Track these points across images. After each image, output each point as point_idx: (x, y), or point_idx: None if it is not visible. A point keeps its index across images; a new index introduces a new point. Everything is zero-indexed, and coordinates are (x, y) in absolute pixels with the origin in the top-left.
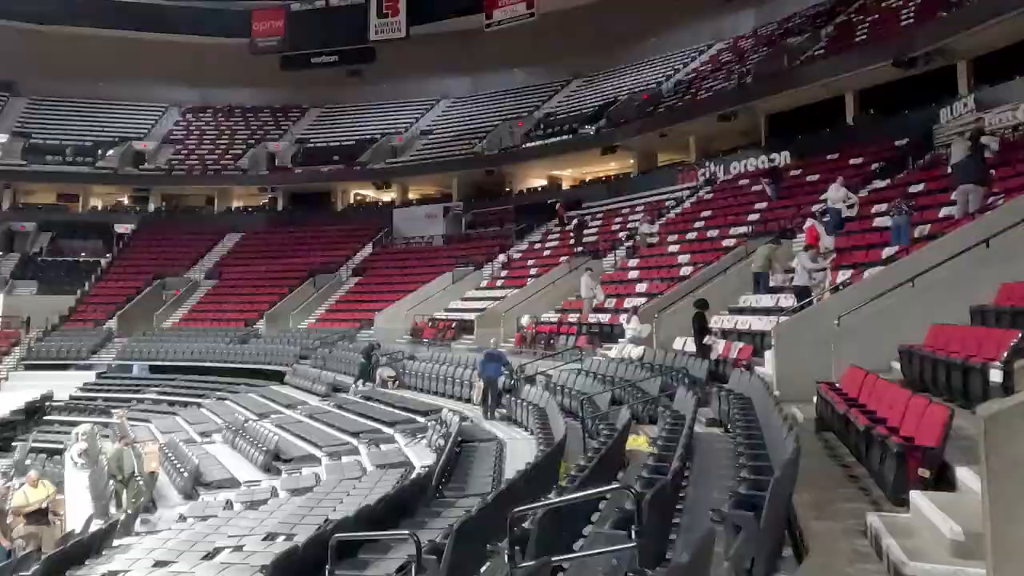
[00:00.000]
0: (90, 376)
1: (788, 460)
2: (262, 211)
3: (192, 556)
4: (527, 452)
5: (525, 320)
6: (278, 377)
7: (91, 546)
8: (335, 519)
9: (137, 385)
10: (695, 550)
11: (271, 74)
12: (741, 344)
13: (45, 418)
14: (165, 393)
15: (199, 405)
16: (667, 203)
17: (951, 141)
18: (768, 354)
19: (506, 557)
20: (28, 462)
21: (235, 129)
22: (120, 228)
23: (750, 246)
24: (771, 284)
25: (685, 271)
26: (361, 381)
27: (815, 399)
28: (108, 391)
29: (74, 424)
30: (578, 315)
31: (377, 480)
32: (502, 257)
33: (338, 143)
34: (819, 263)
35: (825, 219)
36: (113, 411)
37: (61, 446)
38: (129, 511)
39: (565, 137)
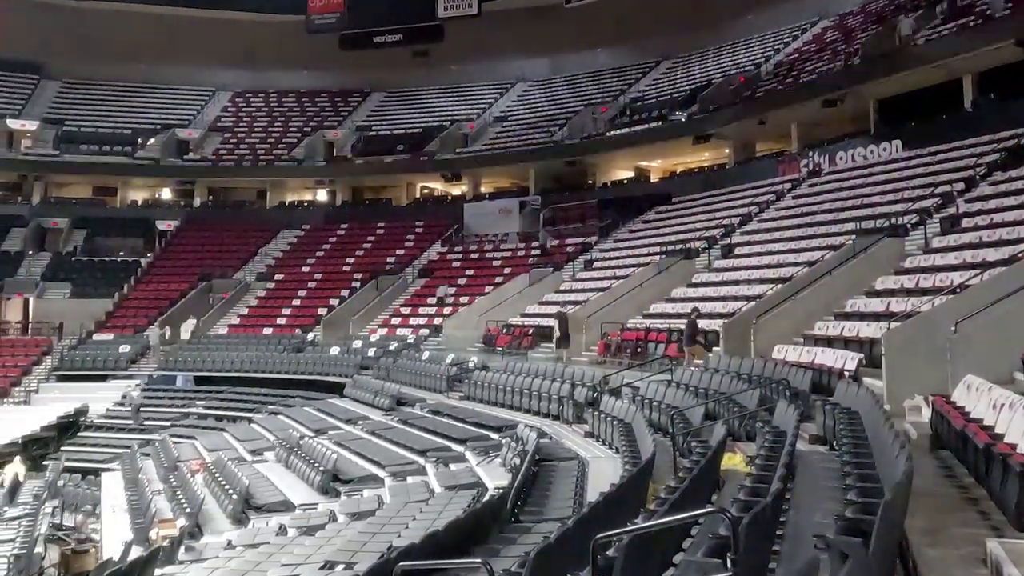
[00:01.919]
0: (129, 388)
1: (900, 481)
2: (319, 206)
3: None
4: (611, 472)
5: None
6: (337, 389)
7: None
8: (399, 546)
9: (181, 398)
10: None
11: (329, 54)
12: (848, 353)
13: (79, 435)
14: (212, 407)
15: (249, 420)
16: (766, 197)
17: None
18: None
19: None
20: (61, 483)
21: (289, 115)
22: (162, 225)
23: (858, 244)
24: None
25: (786, 272)
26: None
27: (929, 413)
28: (148, 405)
29: (111, 442)
30: (668, 320)
31: (446, 503)
32: (584, 257)
33: (403, 131)
34: None
35: None
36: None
37: (98, 465)
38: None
39: (653, 124)
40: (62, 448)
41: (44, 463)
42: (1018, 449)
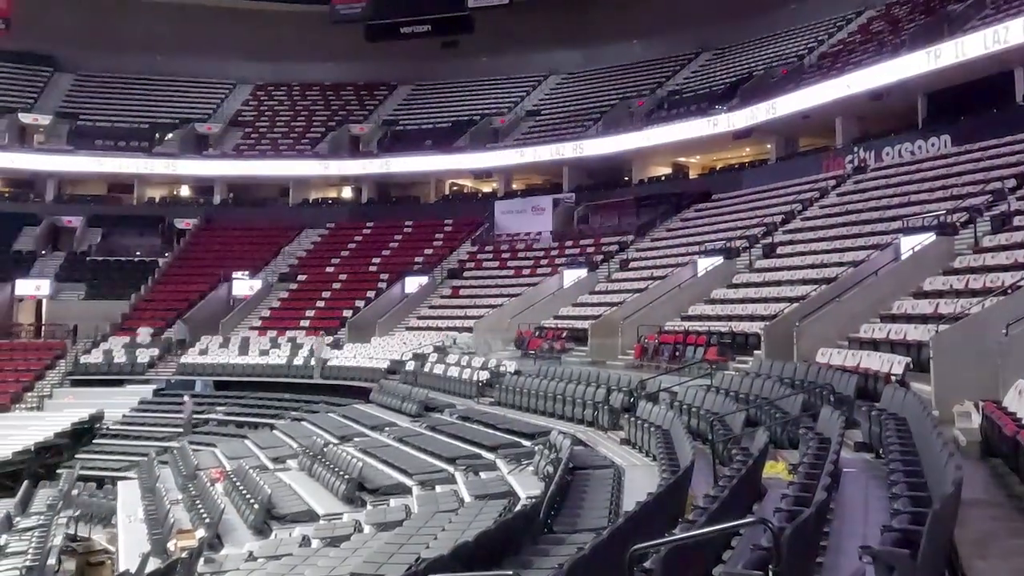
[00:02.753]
0: (146, 393)
1: (949, 490)
2: (343, 204)
3: None
4: (648, 480)
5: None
6: (362, 395)
7: None
8: (428, 558)
9: (200, 403)
10: None
11: (354, 46)
12: (895, 356)
13: (94, 442)
14: (232, 413)
15: (271, 427)
16: (809, 194)
17: None
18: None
19: None
20: (76, 492)
21: (313, 109)
22: (181, 223)
23: (905, 243)
24: None
25: (830, 273)
26: None
27: (979, 420)
28: (164, 412)
29: (128, 449)
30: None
31: (476, 513)
32: (620, 256)
33: (431, 125)
34: None
35: None
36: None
37: (114, 474)
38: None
39: (692, 119)
40: (76, 456)
41: (58, 472)
42: None
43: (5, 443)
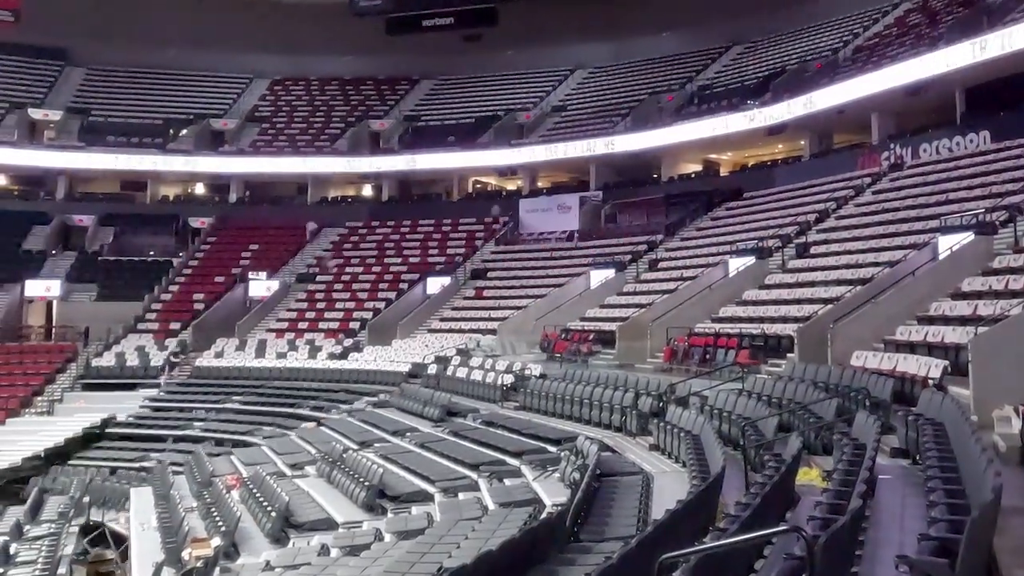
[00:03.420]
0: (153, 393)
1: (988, 498)
2: (363, 202)
3: None
4: (678, 487)
5: None
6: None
7: None
8: (451, 567)
9: (219, 407)
10: None
11: (375, 39)
12: (932, 360)
13: (97, 444)
14: (250, 421)
15: (289, 432)
16: (844, 192)
17: None
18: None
19: None
20: (87, 499)
21: (332, 104)
22: (195, 222)
23: (943, 243)
24: None
25: (865, 273)
26: None
27: (1020, 424)
28: (177, 411)
29: (136, 451)
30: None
31: (500, 521)
32: (649, 256)
33: (454, 121)
34: None
35: None
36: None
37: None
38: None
39: (724, 114)
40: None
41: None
42: None
43: (15, 448)
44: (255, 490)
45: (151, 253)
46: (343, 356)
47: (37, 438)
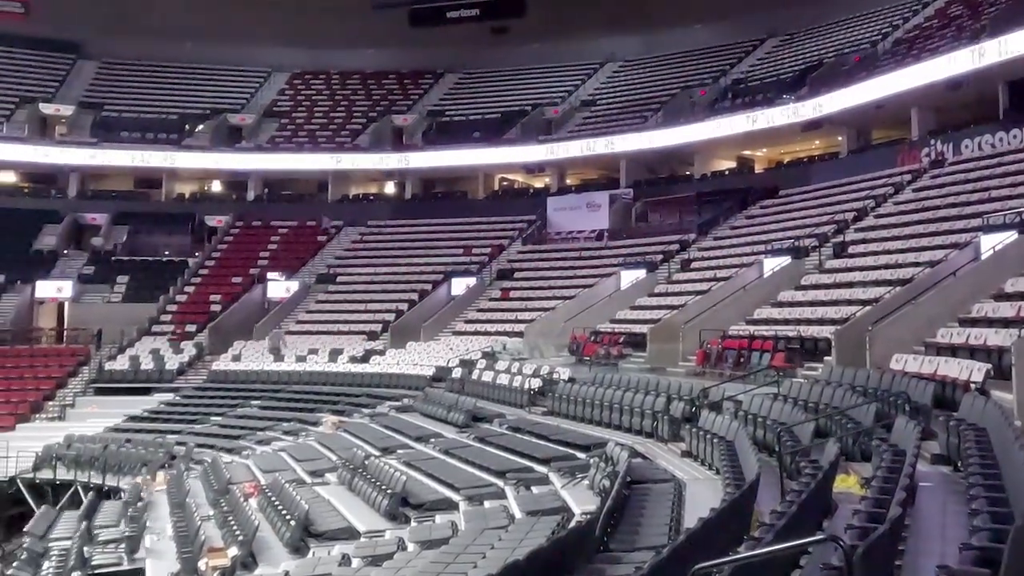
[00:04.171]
0: (168, 398)
1: None
2: (386, 200)
3: None
4: (711, 495)
5: None
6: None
7: None
8: None
9: (236, 409)
10: None
11: (397, 32)
12: (975, 363)
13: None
14: (269, 428)
15: (309, 437)
16: (883, 190)
17: None
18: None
19: None
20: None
21: (353, 99)
22: (212, 220)
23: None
24: None
25: (905, 274)
26: None
27: None
28: (193, 413)
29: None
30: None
31: (527, 530)
32: (681, 256)
33: (479, 116)
34: None
35: None
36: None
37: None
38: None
39: (758, 109)
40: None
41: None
42: None
43: (24, 456)
44: (274, 498)
45: (166, 253)
46: (365, 359)
47: (48, 445)
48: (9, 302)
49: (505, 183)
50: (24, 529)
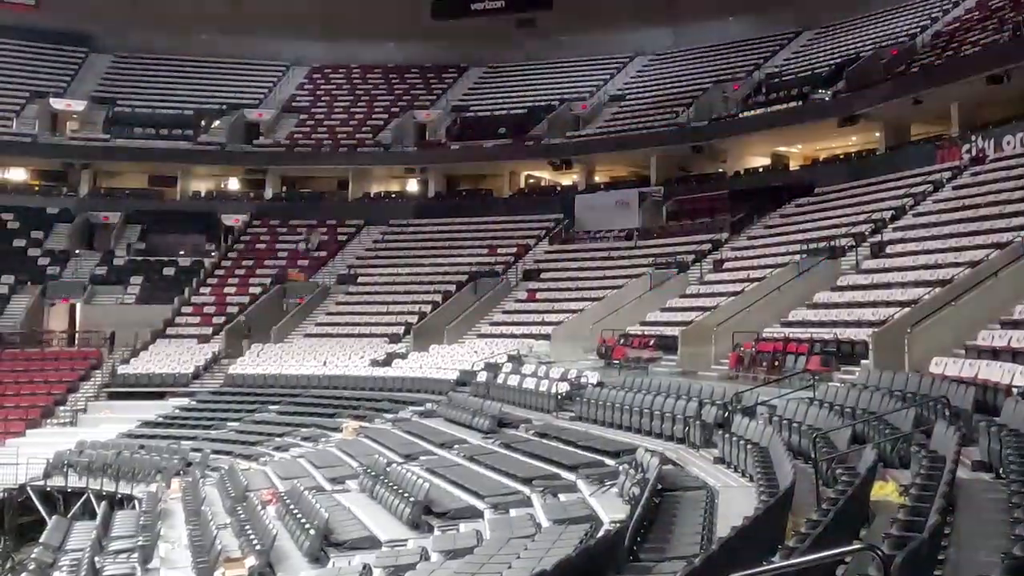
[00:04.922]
0: (184, 402)
1: None
2: (408, 198)
3: None
4: (745, 503)
5: None
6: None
7: None
8: None
9: (254, 415)
10: None
11: (420, 24)
12: (1017, 366)
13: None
14: (286, 433)
15: (329, 443)
16: (922, 187)
17: None
18: None
19: None
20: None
21: (375, 94)
22: (229, 219)
23: None
24: None
25: (945, 274)
26: None
27: None
28: (208, 419)
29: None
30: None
31: (555, 539)
32: (713, 256)
33: (505, 112)
34: None
35: None
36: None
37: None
38: None
39: (793, 104)
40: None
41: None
42: None
43: (34, 463)
44: (292, 506)
45: (181, 253)
46: (387, 363)
47: (59, 451)
48: (19, 303)
49: (531, 181)
50: (40, 540)
